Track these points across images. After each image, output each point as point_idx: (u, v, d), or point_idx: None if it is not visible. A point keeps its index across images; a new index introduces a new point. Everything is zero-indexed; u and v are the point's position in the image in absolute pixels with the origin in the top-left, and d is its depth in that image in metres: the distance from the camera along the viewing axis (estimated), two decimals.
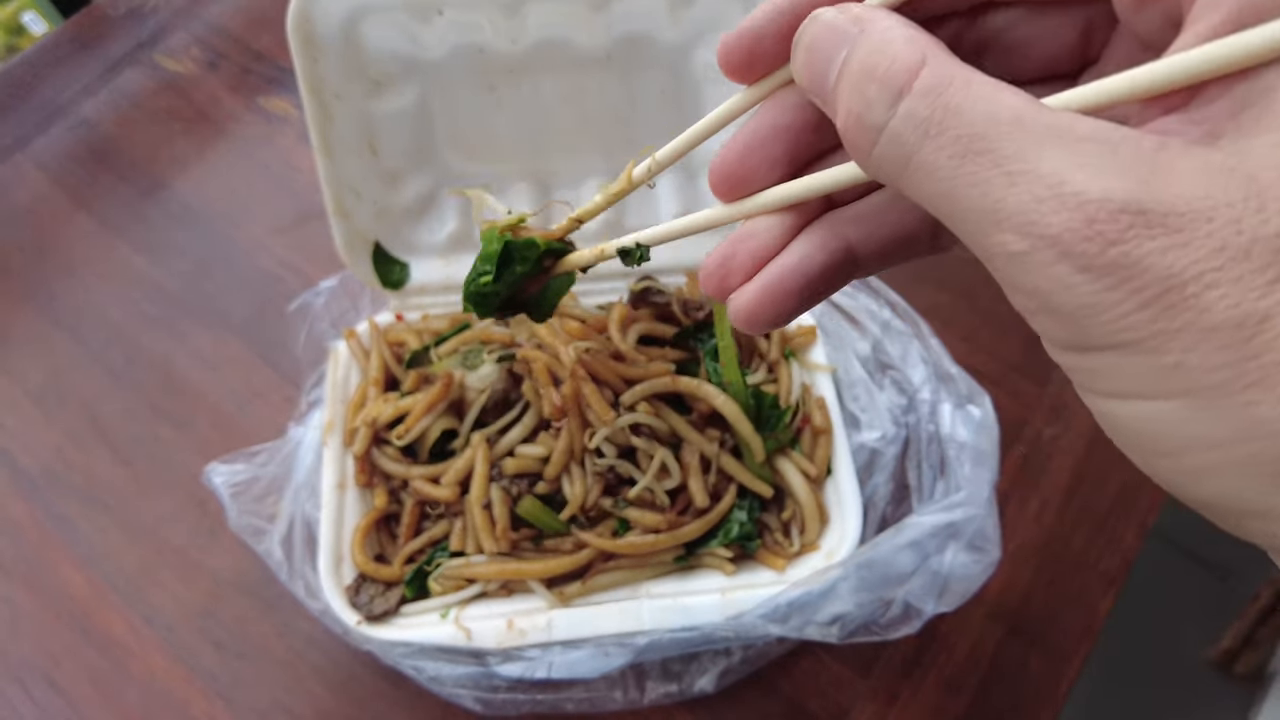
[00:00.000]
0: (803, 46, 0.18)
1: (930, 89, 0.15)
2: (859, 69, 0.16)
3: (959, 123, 0.15)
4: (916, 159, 0.15)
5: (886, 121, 0.16)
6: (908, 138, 0.15)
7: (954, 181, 0.15)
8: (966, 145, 0.14)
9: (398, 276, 0.51)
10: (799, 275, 0.20)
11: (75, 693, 0.48)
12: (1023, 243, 0.14)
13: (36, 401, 0.57)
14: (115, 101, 0.71)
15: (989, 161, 0.14)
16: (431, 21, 0.43)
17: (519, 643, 0.42)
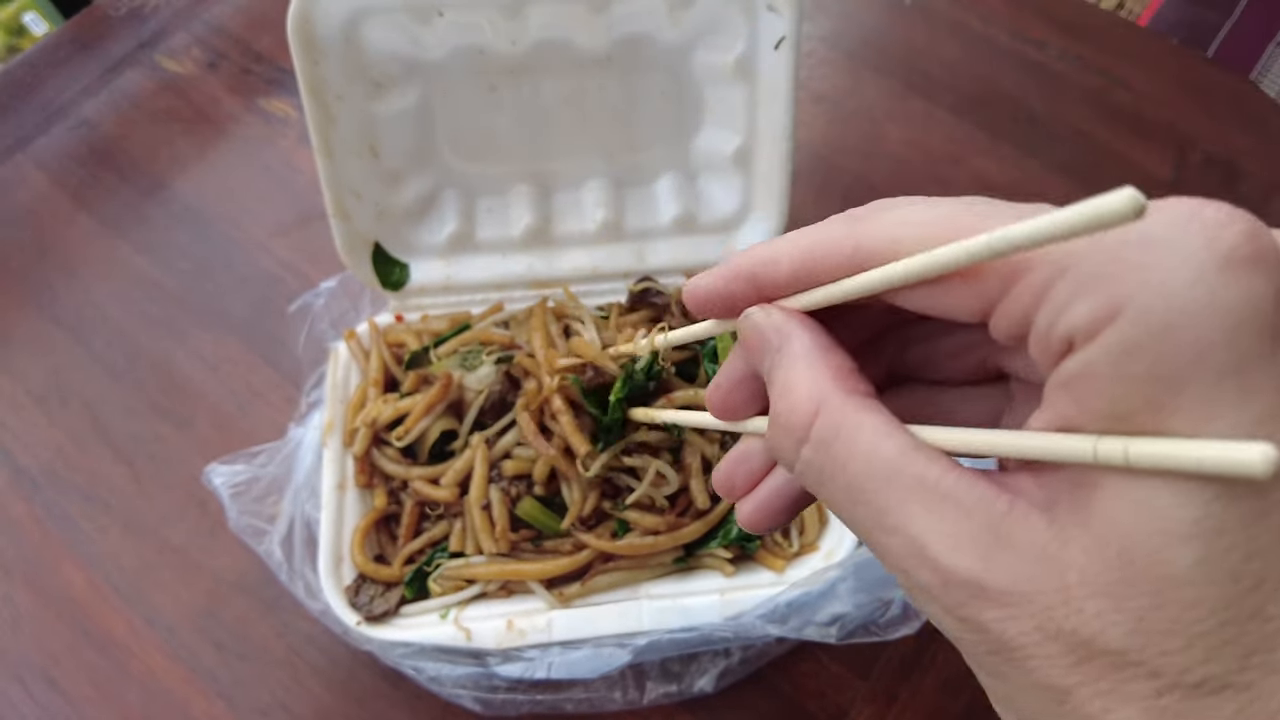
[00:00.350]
0: (741, 338, 0.21)
1: (821, 441, 0.18)
2: (774, 407, 0.19)
3: (844, 474, 0.17)
4: (822, 493, 0.18)
5: (793, 463, 0.19)
6: (810, 478, 0.18)
7: (851, 521, 0.18)
8: (852, 495, 0.17)
9: (398, 277, 0.51)
10: (784, 497, 0.23)
11: (75, 692, 0.48)
12: (908, 582, 0.17)
13: (37, 401, 0.57)
14: (116, 102, 0.71)
15: (870, 513, 0.17)
16: (432, 23, 0.43)
17: (518, 643, 0.42)
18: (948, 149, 0.69)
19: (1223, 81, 0.73)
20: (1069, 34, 0.75)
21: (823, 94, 0.72)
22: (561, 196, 0.52)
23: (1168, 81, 0.73)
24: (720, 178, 0.51)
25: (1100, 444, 0.14)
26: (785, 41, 0.44)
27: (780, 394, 0.19)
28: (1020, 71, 0.73)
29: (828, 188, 0.67)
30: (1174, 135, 0.70)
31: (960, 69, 0.73)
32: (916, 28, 0.76)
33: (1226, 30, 1.03)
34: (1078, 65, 0.74)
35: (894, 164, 0.68)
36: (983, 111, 0.71)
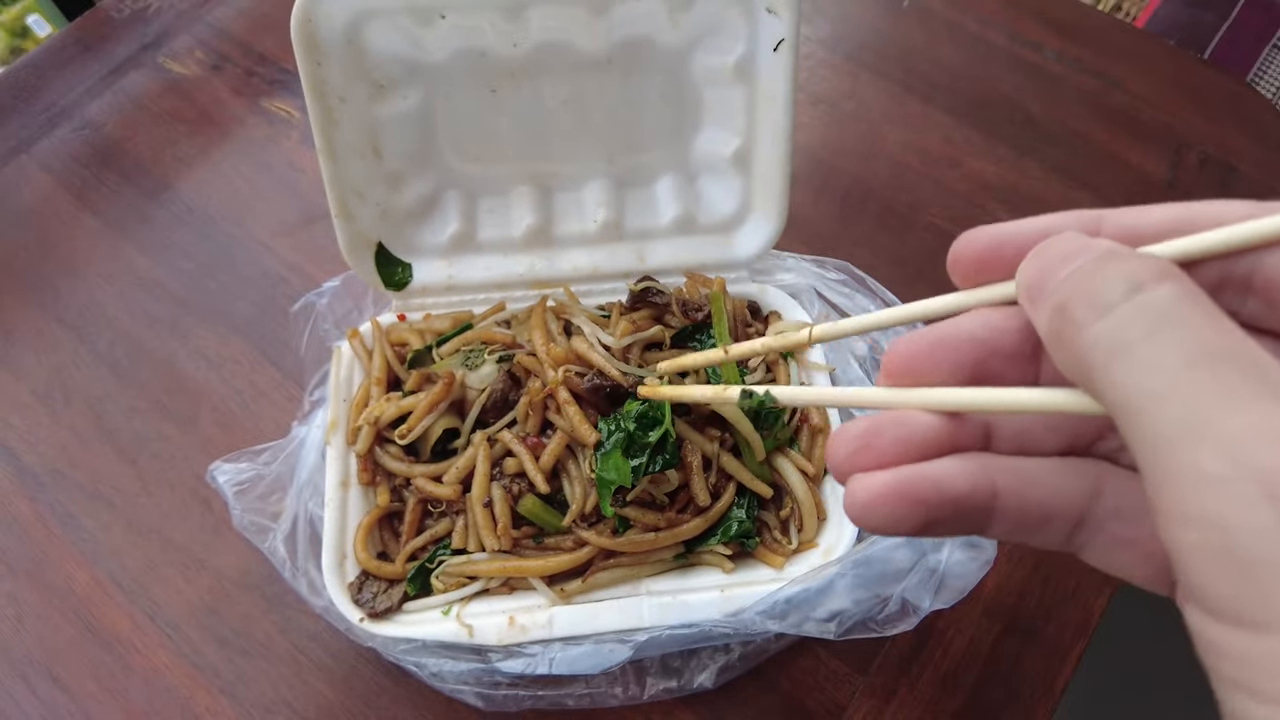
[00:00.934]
0: (1040, 252, 0.18)
1: (1180, 294, 0.14)
2: (1097, 261, 0.16)
3: (1202, 331, 0.14)
4: (1140, 348, 0.14)
5: (1118, 304, 0.15)
6: (1137, 324, 0.14)
7: (1173, 382, 0.13)
8: (1205, 352, 0.13)
9: (400, 277, 0.52)
10: (935, 488, 0.18)
11: (79, 689, 0.48)
12: (1224, 466, 0.12)
13: (42, 400, 0.58)
14: (119, 103, 0.72)
15: (1225, 373, 0.13)
16: (434, 25, 0.44)
17: (520, 639, 0.43)
18: (945, 150, 0.69)
19: (1219, 83, 0.74)
20: (1066, 36, 0.76)
21: (821, 96, 0.72)
22: (562, 197, 0.52)
23: (1164, 83, 0.73)
24: (720, 179, 0.51)
25: None
26: (784, 44, 0.45)
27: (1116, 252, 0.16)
28: (1017, 73, 0.74)
29: (826, 189, 0.67)
30: (1171, 136, 0.70)
31: (958, 71, 0.74)
32: (914, 30, 0.76)
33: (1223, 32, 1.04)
34: (1075, 67, 0.74)
35: (892, 165, 0.69)
36: (980, 113, 0.71)
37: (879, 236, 0.64)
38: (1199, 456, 0.13)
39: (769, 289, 0.53)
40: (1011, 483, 0.19)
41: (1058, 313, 0.16)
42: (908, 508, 0.18)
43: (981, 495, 0.18)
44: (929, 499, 0.18)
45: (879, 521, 0.18)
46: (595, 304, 0.51)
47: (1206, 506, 0.12)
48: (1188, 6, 1.06)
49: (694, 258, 0.52)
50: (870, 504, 0.18)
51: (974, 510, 0.18)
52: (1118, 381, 0.14)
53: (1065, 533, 0.19)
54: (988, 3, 0.78)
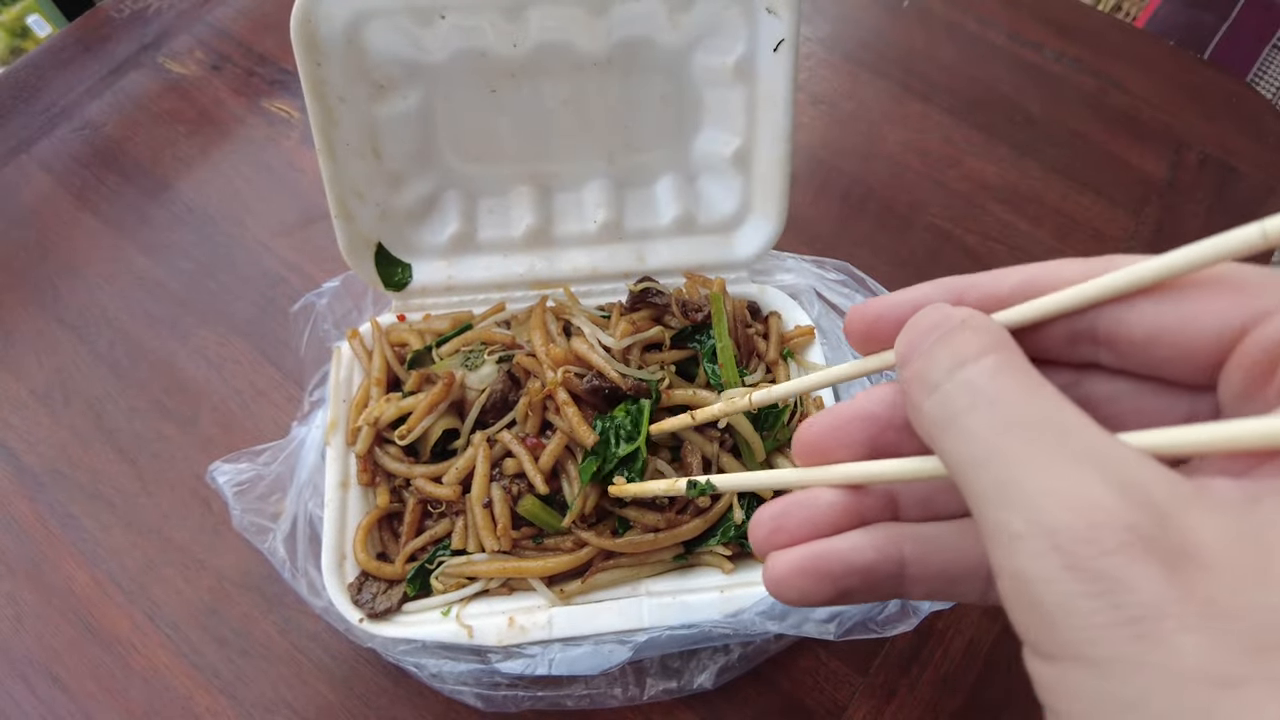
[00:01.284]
0: (911, 323, 0.19)
1: (999, 367, 0.16)
2: (941, 340, 0.17)
3: (1008, 406, 0.16)
4: (960, 420, 0.16)
5: (943, 383, 0.17)
6: (957, 402, 0.16)
7: (988, 450, 0.15)
8: (1015, 421, 0.15)
9: (400, 278, 0.52)
10: (843, 562, 0.20)
11: (79, 689, 0.48)
12: (1022, 525, 0.14)
13: (41, 400, 0.58)
14: (119, 104, 0.72)
15: (1030, 439, 0.15)
16: (434, 25, 0.44)
17: (520, 640, 0.43)
18: (945, 150, 0.69)
19: (1219, 83, 0.74)
20: (1066, 36, 0.76)
21: (821, 96, 0.72)
22: (562, 197, 0.52)
23: (1164, 83, 0.73)
24: (720, 179, 0.51)
25: None
26: (784, 44, 0.45)
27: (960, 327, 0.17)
28: (1017, 73, 0.74)
29: (826, 189, 0.67)
30: (1170, 136, 0.70)
31: (957, 71, 0.74)
32: (914, 30, 0.76)
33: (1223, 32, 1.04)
34: (1075, 67, 0.74)
35: (892, 165, 0.69)
36: (980, 113, 0.71)
37: (879, 237, 0.64)
38: (1004, 516, 0.15)
39: (769, 289, 0.53)
40: (918, 549, 0.20)
41: (904, 394, 0.18)
42: (815, 582, 0.20)
43: (889, 564, 0.20)
44: (835, 572, 0.20)
45: (793, 596, 0.20)
46: (595, 304, 0.51)
47: (1011, 561, 0.14)
48: (1188, 7, 1.06)
49: (694, 258, 0.52)
50: (784, 579, 0.20)
51: (884, 579, 0.20)
52: (948, 450, 0.16)
53: (980, 590, 0.20)
54: (987, 3, 0.78)
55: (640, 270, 0.52)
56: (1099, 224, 0.66)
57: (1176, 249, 0.17)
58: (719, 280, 0.51)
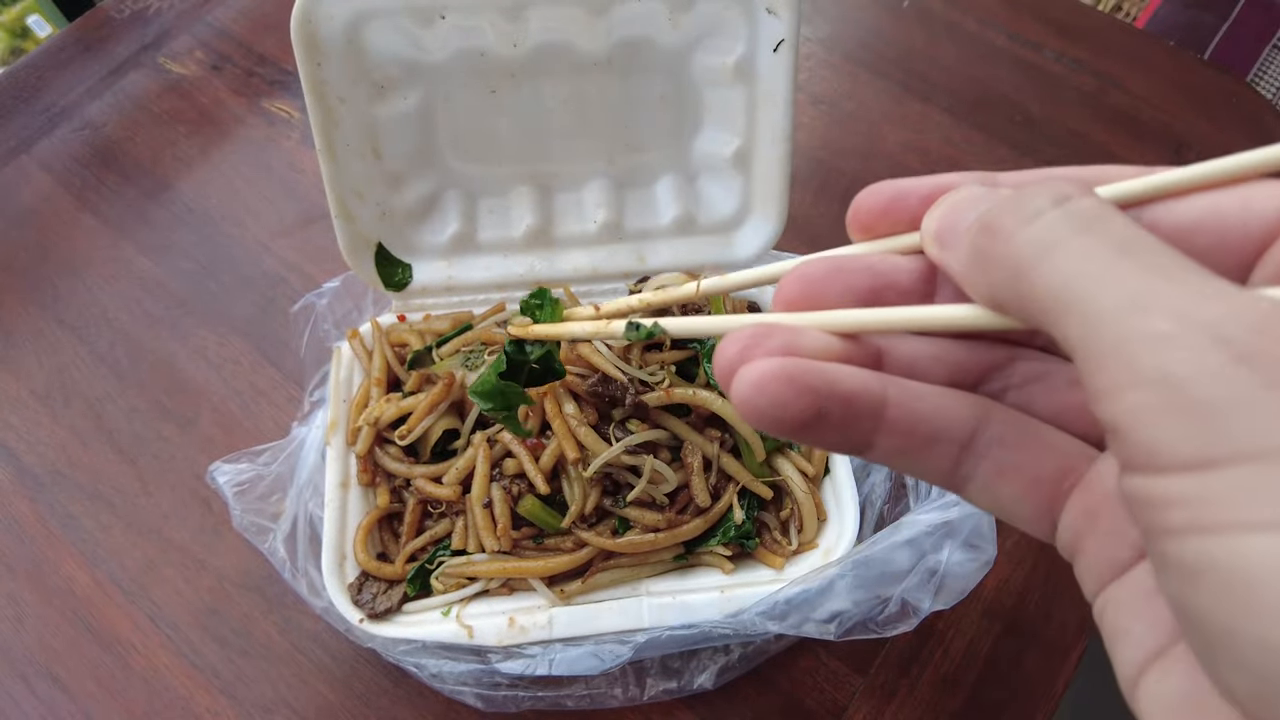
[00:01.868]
0: (947, 200, 0.18)
1: (1103, 203, 0.15)
2: (1032, 188, 0.16)
3: (1128, 228, 0.15)
4: (1073, 241, 0.15)
5: (1047, 210, 0.15)
6: (1068, 224, 0.15)
7: (1109, 264, 0.14)
8: (1133, 241, 0.14)
9: (400, 278, 0.52)
10: (826, 380, 0.18)
11: (79, 689, 0.48)
12: (1171, 324, 0.13)
13: (42, 400, 0.58)
14: (119, 104, 0.72)
15: (1154, 256, 0.14)
16: (434, 25, 0.44)
17: (520, 640, 0.43)
18: (945, 150, 0.69)
19: (1219, 83, 0.74)
20: (1066, 36, 0.76)
21: (821, 96, 0.72)
22: (562, 198, 0.52)
23: (1164, 83, 0.73)
24: (720, 179, 0.51)
25: None
26: (784, 44, 0.45)
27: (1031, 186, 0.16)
28: (1017, 73, 0.74)
29: (826, 189, 0.67)
30: (1170, 136, 0.70)
31: (957, 71, 0.74)
32: (914, 30, 0.76)
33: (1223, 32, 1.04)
34: (1075, 67, 0.74)
35: (892, 165, 0.69)
36: (980, 113, 0.71)
37: None
38: (1146, 320, 0.13)
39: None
40: (901, 395, 0.19)
41: (983, 231, 0.16)
42: (796, 393, 0.17)
43: (871, 398, 0.18)
44: (819, 388, 0.18)
45: (766, 403, 0.17)
46: (594, 304, 0.51)
47: (1158, 364, 0.13)
48: (1188, 7, 1.06)
49: (694, 258, 0.52)
50: (760, 383, 0.17)
51: (863, 412, 0.18)
52: (1053, 271, 0.15)
53: (952, 457, 0.19)
54: (987, 3, 0.78)
55: (640, 270, 0.52)
56: None
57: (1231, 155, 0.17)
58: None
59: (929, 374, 0.20)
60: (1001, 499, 0.19)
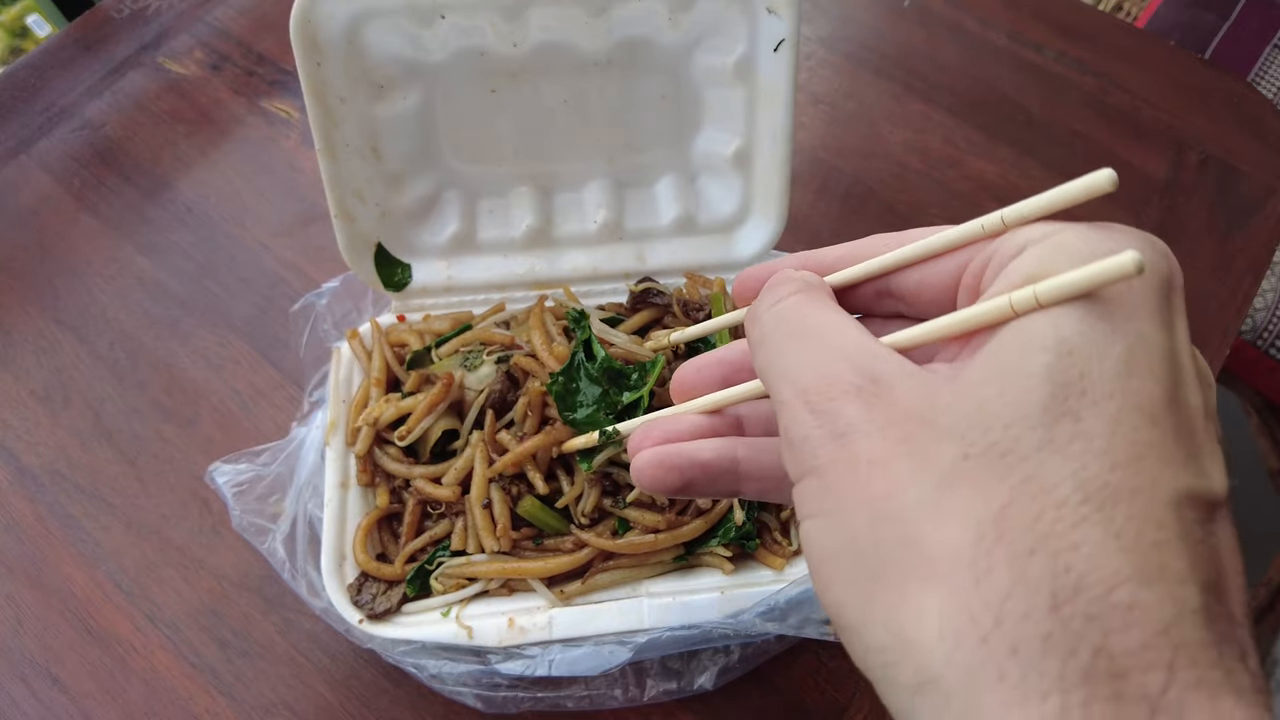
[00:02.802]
0: (760, 286, 0.25)
1: (798, 303, 0.23)
2: (767, 288, 0.24)
3: (798, 322, 0.22)
4: (769, 339, 0.23)
5: (761, 315, 0.23)
6: (768, 325, 0.23)
7: (780, 351, 0.22)
8: (794, 333, 0.22)
9: (400, 278, 0.51)
10: (687, 457, 0.26)
11: (78, 690, 0.48)
12: (788, 393, 0.21)
13: (41, 400, 0.58)
14: (119, 103, 0.72)
15: (802, 341, 0.22)
16: (433, 25, 0.44)
17: (520, 641, 0.42)
18: (946, 150, 0.69)
19: (1220, 83, 0.74)
20: (1067, 36, 0.76)
21: (821, 96, 0.72)
22: (562, 198, 0.52)
23: (1165, 83, 0.73)
24: (720, 179, 0.51)
25: (1014, 296, 0.19)
26: (784, 44, 0.45)
27: (780, 283, 0.24)
28: (1018, 73, 0.74)
29: (827, 189, 0.67)
30: (1171, 136, 0.70)
31: (958, 71, 0.74)
32: (915, 30, 0.76)
33: (1224, 32, 1.04)
34: (1075, 67, 0.74)
35: (892, 165, 0.69)
36: (981, 113, 0.71)
37: None
38: (779, 389, 0.21)
39: None
40: (750, 453, 0.26)
41: (747, 319, 0.25)
42: (665, 471, 0.26)
43: (724, 461, 0.26)
44: (680, 465, 0.26)
45: (647, 481, 0.26)
46: (595, 305, 0.51)
47: (781, 419, 0.21)
48: (1188, 6, 1.06)
49: (694, 258, 0.52)
50: (641, 469, 0.26)
51: (720, 473, 0.26)
52: (759, 362, 0.23)
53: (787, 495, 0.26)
54: (988, 3, 0.78)
55: (640, 270, 0.52)
56: None
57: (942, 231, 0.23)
58: (719, 280, 0.50)
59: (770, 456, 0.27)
60: None
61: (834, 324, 0.22)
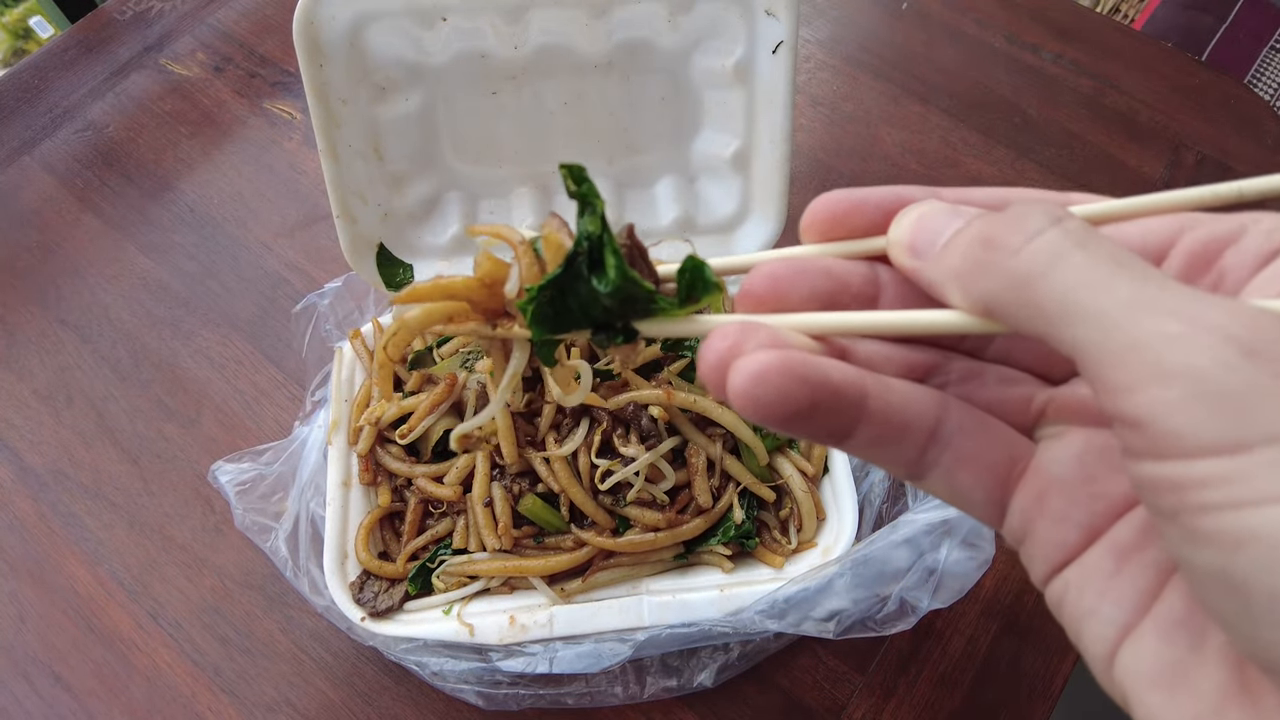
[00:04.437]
0: (913, 215, 0.20)
1: (1085, 224, 0.17)
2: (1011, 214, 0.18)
3: (1114, 247, 0.16)
4: (1074, 255, 0.16)
5: (1045, 229, 0.17)
6: (1066, 240, 0.16)
7: (1110, 275, 0.16)
8: (1123, 256, 0.16)
9: (402, 278, 0.52)
10: (820, 371, 0.18)
11: (81, 688, 0.48)
12: (1181, 326, 0.14)
13: (44, 400, 0.58)
14: (122, 105, 0.72)
15: (1142, 269, 0.16)
16: (435, 27, 0.44)
17: (521, 638, 0.43)
18: (944, 152, 0.70)
19: (1217, 84, 0.74)
20: (1064, 38, 0.76)
21: (820, 98, 0.73)
22: (562, 199, 0.52)
23: (1162, 85, 0.74)
24: (719, 180, 0.51)
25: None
26: (783, 46, 0.45)
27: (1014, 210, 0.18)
28: (1015, 75, 0.74)
29: (825, 190, 0.67)
30: (1168, 138, 0.71)
31: (956, 73, 0.74)
32: (913, 32, 0.77)
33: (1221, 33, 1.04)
34: (1073, 69, 0.74)
35: (890, 167, 0.69)
36: (978, 115, 0.72)
37: None
38: (1158, 322, 0.15)
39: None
40: (876, 387, 0.20)
41: (984, 245, 0.18)
42: (796, 384, 0.18)
43: (855, 391, 0.19)
44: (813, 379, 0.18)
45: (768, 394, 0.18)
46: None
47: (1178, 360, 0.14)
48: (1186, 8, 1.07)
49: None
50: (761, 375, 0.18)
51: (848, 404, 0.19)
52: (1059, 282, 0.16)
53: (919, 445, 0.20)
54: (986, 5, 0.78)
55: None
56: None
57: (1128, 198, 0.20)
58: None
59: (884, 371, 0.21)
60: (958, 485, 0.20)
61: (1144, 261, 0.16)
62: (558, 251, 0.21)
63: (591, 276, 0.21)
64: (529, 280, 0.22)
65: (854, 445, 0.20)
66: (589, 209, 0.21)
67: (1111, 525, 0.18)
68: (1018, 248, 0.17)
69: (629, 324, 0.22)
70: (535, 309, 0.21)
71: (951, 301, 0.19)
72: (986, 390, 0.21)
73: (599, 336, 0.22)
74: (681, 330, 0.22)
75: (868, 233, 0.22)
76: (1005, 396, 0.21)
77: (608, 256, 0.21)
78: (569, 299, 0.21)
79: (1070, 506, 0.19)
